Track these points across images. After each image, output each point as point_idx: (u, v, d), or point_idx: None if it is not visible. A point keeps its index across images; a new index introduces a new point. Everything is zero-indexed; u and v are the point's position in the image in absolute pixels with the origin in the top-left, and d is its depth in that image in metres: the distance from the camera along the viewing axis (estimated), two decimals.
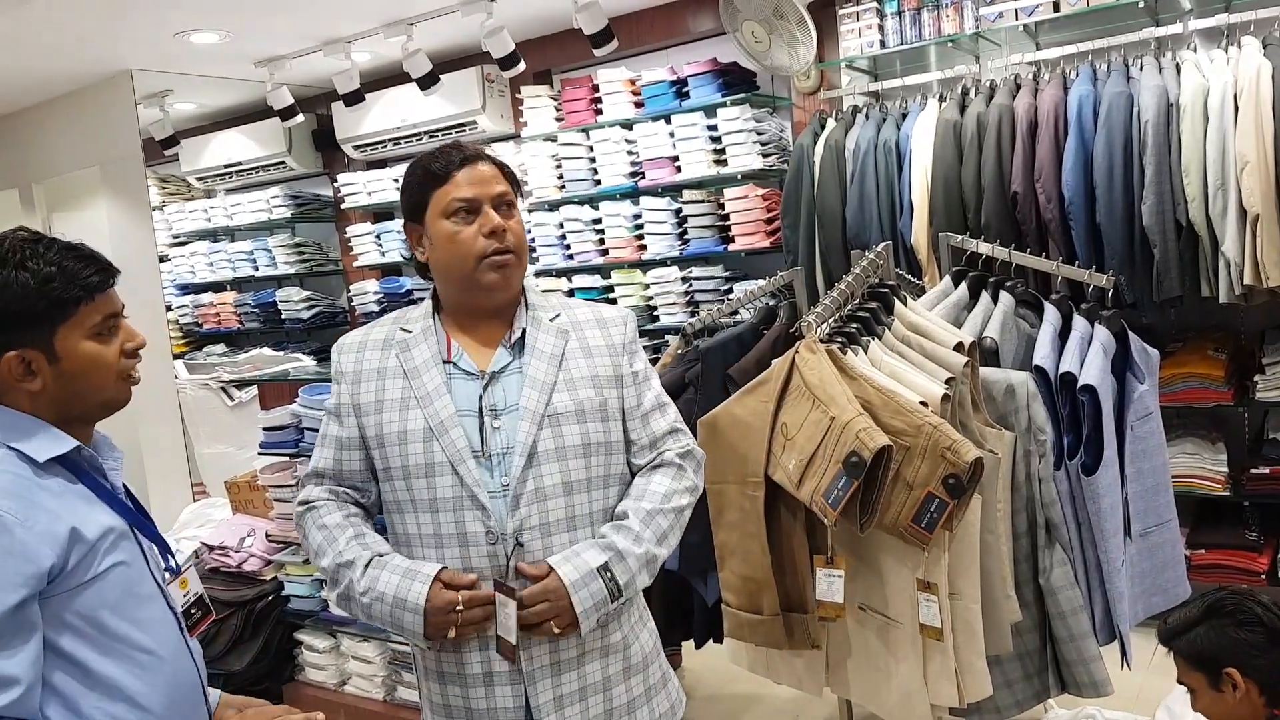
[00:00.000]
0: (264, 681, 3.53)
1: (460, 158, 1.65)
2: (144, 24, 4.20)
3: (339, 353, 1.75)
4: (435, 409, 1.63)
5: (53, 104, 5.45)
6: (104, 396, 1.40)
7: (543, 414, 1.62)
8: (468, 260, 1.63)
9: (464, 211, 1.63)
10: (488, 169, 1.67)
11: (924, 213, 3.64)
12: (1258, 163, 3.02)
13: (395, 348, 1.69)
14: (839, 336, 2.17)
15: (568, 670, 1.63)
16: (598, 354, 1.71)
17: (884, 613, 2.07)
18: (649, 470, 1.72)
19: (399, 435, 1.64)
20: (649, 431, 1.73)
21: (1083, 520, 2.25)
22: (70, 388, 1.35)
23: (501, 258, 1.64)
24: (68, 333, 1.34)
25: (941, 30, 3.83)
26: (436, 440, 1.61)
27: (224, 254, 6.15)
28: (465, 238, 1.63)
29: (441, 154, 1.68)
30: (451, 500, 1.61)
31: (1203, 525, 3.52)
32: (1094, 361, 2.20)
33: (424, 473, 1.62)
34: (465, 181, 1.64)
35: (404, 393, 1.65)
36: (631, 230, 4.67)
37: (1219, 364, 3.38)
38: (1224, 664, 1.85)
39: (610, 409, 1.69)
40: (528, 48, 4.67)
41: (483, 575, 1.60)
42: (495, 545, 1.59)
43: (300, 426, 3.38)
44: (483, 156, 1.68)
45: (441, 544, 1.62)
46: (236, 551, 3.66)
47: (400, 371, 1.67)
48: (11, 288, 1.30)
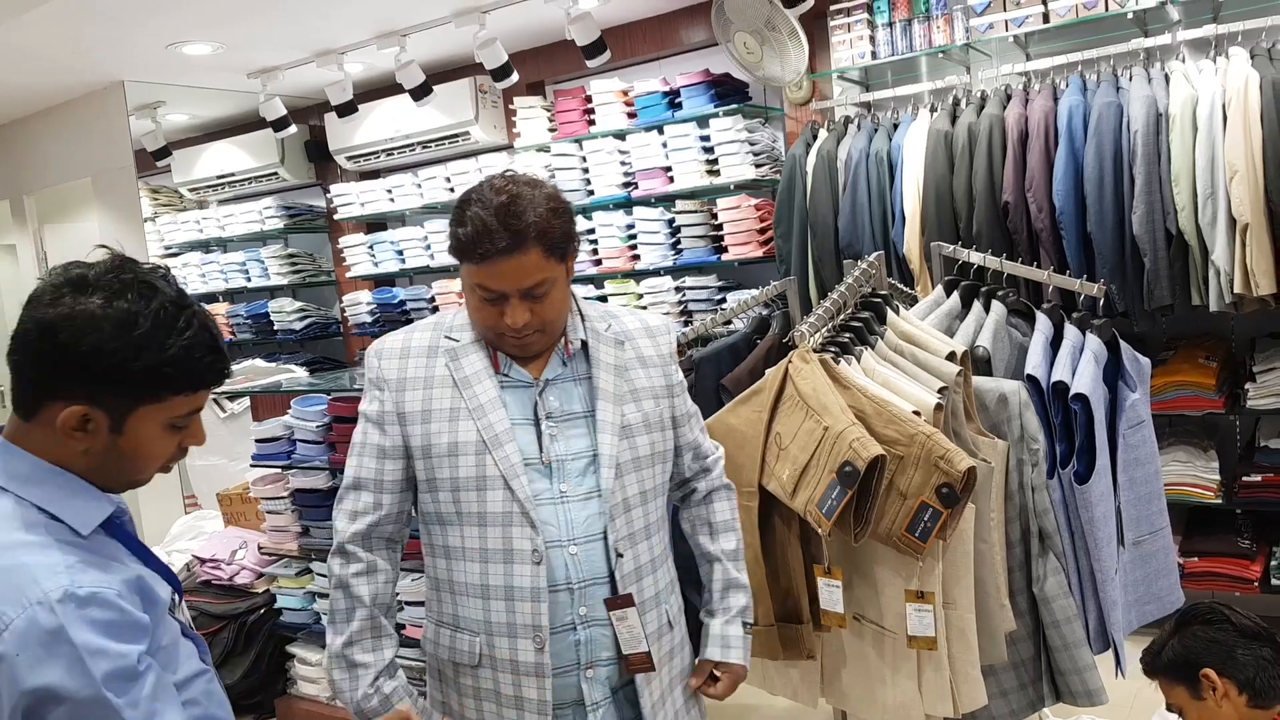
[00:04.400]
0: (256, 695, 3.51)
1: (503, 245, 1.49)
2: (136, 35, 4.19)
3: (379, 358, 1.66)
4: (489, 421, 1.58)
5: (45, 115, 5.44)
6: (134, 478, 1.25)
7: (620, 425, 1.63)
8: (488, 331, 1.61)
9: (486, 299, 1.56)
10: (530, 260, 1.51)
11: (916, 222, 3.65)
12: (1246, 172, 3.04)
13: (443, 356, 1.63)
14: (832, 346, 2.17)
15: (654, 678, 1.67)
16: (651, 364, 1.73)
17: (879, 623, 2.07)
18: (706, 498, 1.84)
19: (449, 447, 1.59)
20: (693, 437, 1.81)
21: (1076, 529, 2.26)
22: (113, 462, 1.19)
23: (520, 340, 1.59)
24: (148, 414, 1.18)
25: (932, 41, 3.85)
26: (490, 453, 1.57)
27: (216, 265, 6.14)
28: (489, 315, 1.58)
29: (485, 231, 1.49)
30: (501, 515, 1.58)
31: (1195, 533, 3.53)
32: (1086, 370, 2.21)
33: (474, 486, 1.58)
34: (497, 274, 1.52)
35: (454, 403, 1.60)
36: (625, 240, 4.68)
37: (1210, 372, 3.39)
38: (1199, 666, 1.86)
39: (666, 419, 1.73)
40: (521, 59, 4.68)
41: (523, 597, 1.57)
42: (539, 565, 1.56)
43: (293, 438, 3.37)
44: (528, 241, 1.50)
45: (486, 559, 1.59)
46: (228, 564, 3.65)
47: (449, 380, 1.61)
48: (128, 349, 1.12)
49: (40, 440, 1.16)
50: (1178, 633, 1.95)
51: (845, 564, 2.08)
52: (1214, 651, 1.87)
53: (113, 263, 1.17)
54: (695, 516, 1.85)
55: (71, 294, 1.13)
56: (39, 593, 1.05)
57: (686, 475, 1.83)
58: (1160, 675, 1.97)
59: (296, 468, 3.35)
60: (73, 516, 1.15)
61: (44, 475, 1.16)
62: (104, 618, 1.07)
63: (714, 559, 1.82)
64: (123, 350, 1.12)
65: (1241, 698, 1.83)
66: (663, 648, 1.69)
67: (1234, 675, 1.84)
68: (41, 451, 1.17)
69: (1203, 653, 1.88)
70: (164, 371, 1.15)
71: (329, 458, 3.26)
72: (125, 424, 1.17)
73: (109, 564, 1.15)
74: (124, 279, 1.15)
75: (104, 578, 1.10)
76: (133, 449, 1.19)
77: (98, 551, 1.16)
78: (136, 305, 1.13)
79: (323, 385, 3.51)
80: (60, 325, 1.11)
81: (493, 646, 1.59)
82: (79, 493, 1.17)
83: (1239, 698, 1.83)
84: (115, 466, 1.20)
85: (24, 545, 1.10)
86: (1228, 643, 1.87)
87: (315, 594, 3.42)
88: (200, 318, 1.19)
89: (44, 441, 1.16)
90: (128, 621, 1.10)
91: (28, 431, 1.17)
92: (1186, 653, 1.90)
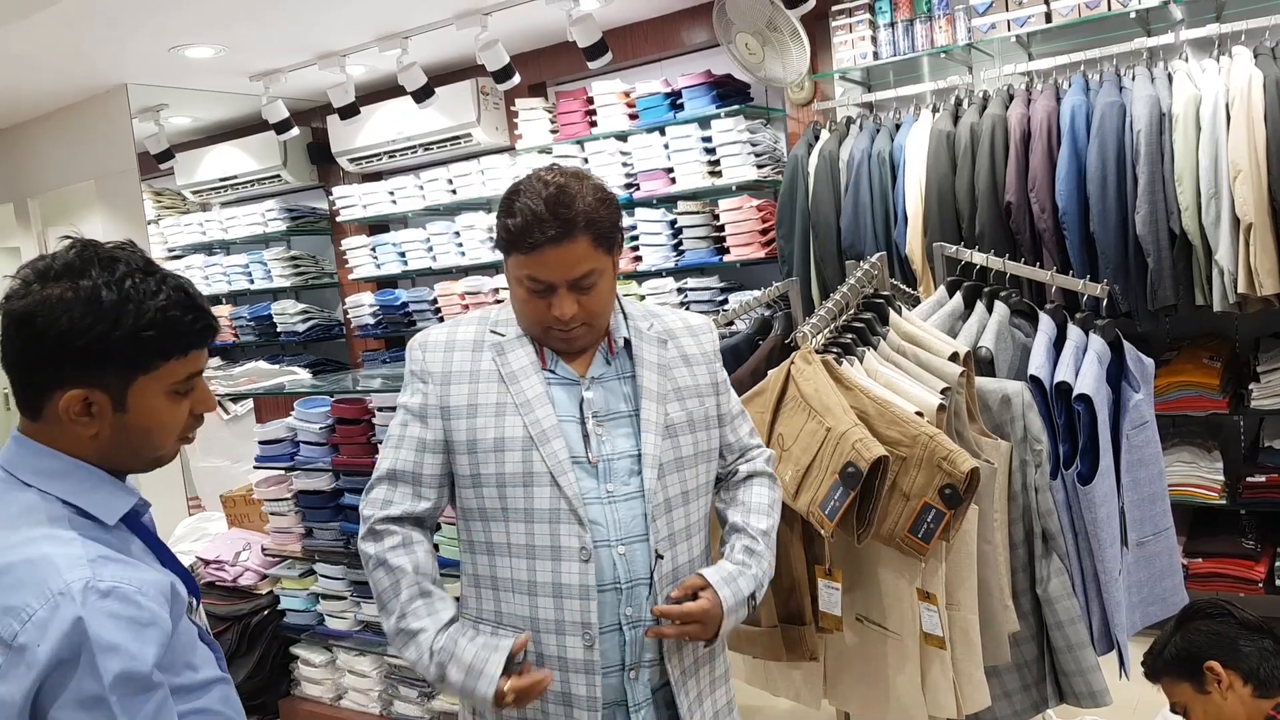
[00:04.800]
0: (260, 696, 3.51)
1: (552, 234, 1.49)
2: (139, 38, 4.20)
3: (423, 350, 1.64)
4: (537, 416, 1.57)
5: (48, 118, 5.45)
6: (154, 454, 1.24)
7: (663, 424, 1.62)
8: (534, 326, 1.60)
9: (534, 291, 1.55)
10: (579, 249, 1.51)
11: (918, 223, 3.64)
12: (1250, 171, 3.03)
13: (489, 350, 1.62)
14: (834, 347, 2.17)
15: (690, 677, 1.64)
16: (695, 362, 1.71)
17: (882, 624, 2.06)
18: (746, 480, 1.78)
19: (495, 442, 1.57)
20: (738, 437, 1.79)
21: (1079, 530, 2.25)
22: (125, 441, 1.19)
23: (566, 333, 1.58)
24: (146, 385, 1.17)
25: (934, 41, 3.84)
26: (537, 449, 1.56)
27: (219, 267, 6.15)
28: (535, 309, 1.57)
29: (535, 221, 1.49)
30: (549, 512, 1.56)
31: (1199, 534, 3.52)
32: (1089, 371, 2.20)
33: (521, 482, 1.57)
34: (547, 263, 1.51)
35: (500, 398, 1.59)
36: (627, 241, 4.68)
37: (1214, 372, 3.39)
38: (1203, 659, 1.86)
39: (711, 417, 1.71)
40: (522, 61, 4.68)
41: (570, 595, 1.56)
42: (588, 563, 1.55)
43: (296, 440, 3.37)
44: (577, 230, 1.51)
45: (534, 555, 1.57)
46: (232, 565, 3.65)
47: (496, 375, 1.60)
48: (104, 324, 1.12)
49: (53, 435, 1.17)
50: (1179, 630, 1.96)
51: (848, 565, 2.07)
52: (1217, 644, 1.87)
53: (72, 247, 1.17)
54: (730, 498, 1.77)
55: (38, 283, 1.13)
56: (61, 584, 1.05)
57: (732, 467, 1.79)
58: (1163, 675, 1.97)
59: (300, 469, 3.35)
60: (97, 507, 1.16)
61: (65, 468, 1.16)
62: (124, 613, 1.07)
63: (740, 528, 1.71)
64: (98, 324, 1.12)
65: (1246, 688, 1.84)
66: (699, 649, 1.66)
67: (1238, 666, 1.84)
68: (56, 446, 1.17)
69: (1206, 646, 1.88)
70: (146, 337, 1.15)
71: (332, 459, 3.26)
72: (127, 400, 1.17)
73: (132, 560, 1.15)
74: (85, 257, 1.15)
75: (126, 573, 1.10)
76: (142, 424, 1.19)
77: (122, 547, 1.16)
78: (101, 278, 1.14)
79: (325, 387, 3.51)
80: (33, 314, 1.12)
81: (540, 643, 1.58)
82: (101, 484, 1.18)
83: (1244, 689, 1.84)
84: (131, 445, 1.20)
85: (48, 538, 1.10)
86: (1230, 635, 1.88)
87: (319, 595, 3.42)
88: (173, 280, 1.19)
89: (56, 436, 1.17)
90: (146, 619, 1.09)
91: (39, 430, 1.17)
92: (1190, 647, 1.90)
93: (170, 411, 1.21)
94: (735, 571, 1.64)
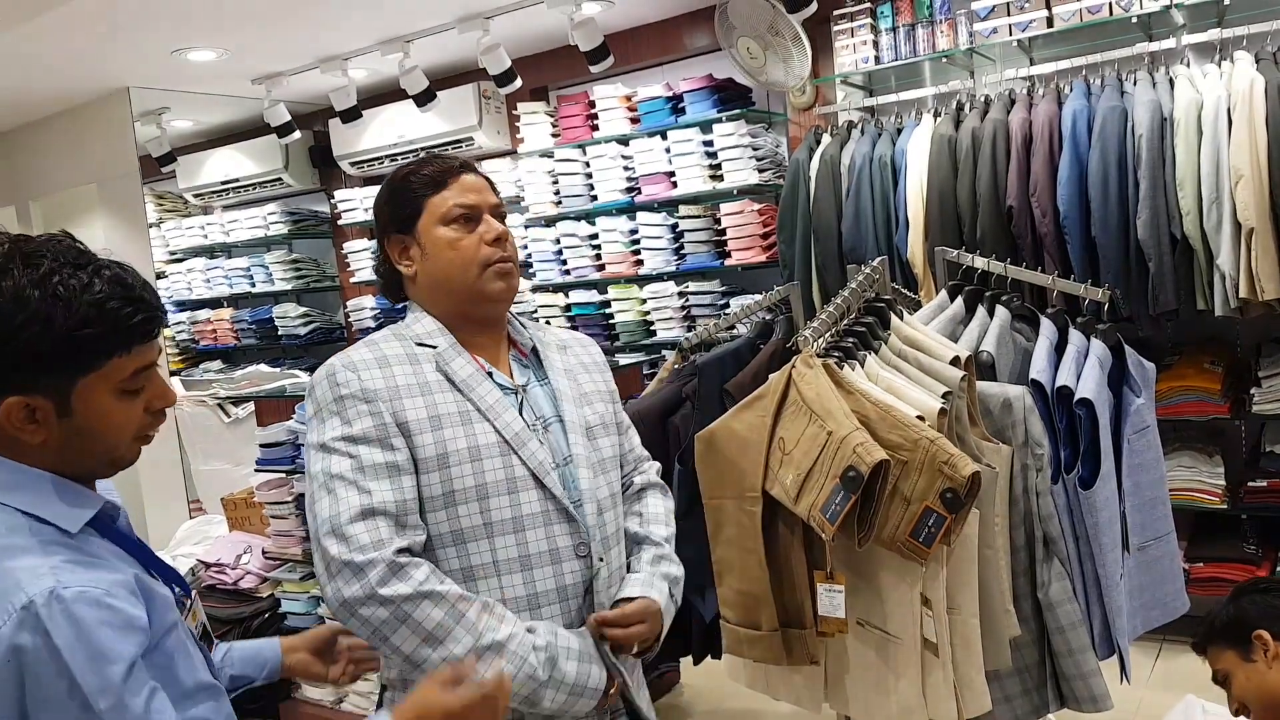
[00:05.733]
0: (260, 700, 3.51)
1: (456, 164, 1.61)
2: (141, 41, 4.21)
3: (353, 372, 1.49)
4: (505, 421, 1.51)
5: (50, 121, 5.46)
6: (110, 457, 1.16)
7: (584, 426, 1.61)
8: (470, 267, 1.56)
9: (464, 219, 1.57)
10: (480, 179, 1.62)
11: (920, 227, 3.65)
12: (1252, 176, 3.03)
13: (427, 361, 1.53)
14: (835, 351, 2.16)
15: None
16: (593, 370, 1.72)
17: (883, 628, 2.06)
18: (640, 493, 1.76)
19: (470, 451, 1.47)
20: (633, 445, 1.79)
21: (1081, 534, 2.25)
22: (76, 445, 1.12)
23: (505, 265, 1.58)
24: (90, 386, 1.10)
25: (936, 46, 3.85)
26: (515, 453, 1.50)
27: (221, 270, 6.16)
28: (467, 245, 1.56)
29: (432, 161, 1.61)
30: (540, 515, 1.50)
31: (1201, 539, 3.52)
32: (1090, 375, 2.20)
33: (505, 489, 1.48)
34: (463, 189, 1.58)
35: (460, 405, 1.50)
36: (628, 245, 4.68)
37: (1215, 377, 3.39)
38: (1253, 628, 1.92)
39: (612, 424, 1.71)
40: (524, 65, 4.69)
41: (574, 595, 1.53)
42: (584, 559, 1.54)
43: (297, 443, 3.37)
44: (473, 167, 1.64)
45: (530, 564, 1.49)
46: (233, 569, 3.65)
47: (448, 384, 1.51)
48: (33, 325, 1.05)
49: (2, 447, 1.11)
50: (1233, 601, 2.01)
51: (849, 569, 2.07)
52: (1269, 615, 1.93)
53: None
54: (628, 510, 1.74)
55: None
56: (24, 598, 1.01)
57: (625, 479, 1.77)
58: (1211, 642, 2.02)
59: (300, 472, 3.35)
60: (58, 516, 1.10)
61: (20, 479, 1.10)
62: (93, 617, 1.03)
63: (642, 539, 1.68)
64: (24, 327, 1.05)
65: None
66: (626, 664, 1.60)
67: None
68: (8, 456, 1.11)
69: (1258, 616, 1.93)
70: (81, 336, 1.07)
71: None
72: (71, 403, 1.10)
73: (97, 563, 1.09)
74: (5, 254, 1.09)
75: (92, 576, 1.06)
76: (91, 426, 1.12)
77: (86, 551, 1.10)
78: (25, 277, 1.06)
79: None
80: None
81: None
82: (61, 492, 1.12)
83: None
84: (83, 449, 1.13)
85: (6, 550, 1.06)
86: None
87: (319, 598, 3.42)
88: (109, 270, 1.11)
89: (6, 447, 1.11)
90: (119, 620, 1.04)
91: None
92: (1241, 615, 1.96)
93: (122, 412, 1.13)
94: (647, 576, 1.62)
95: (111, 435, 1.14)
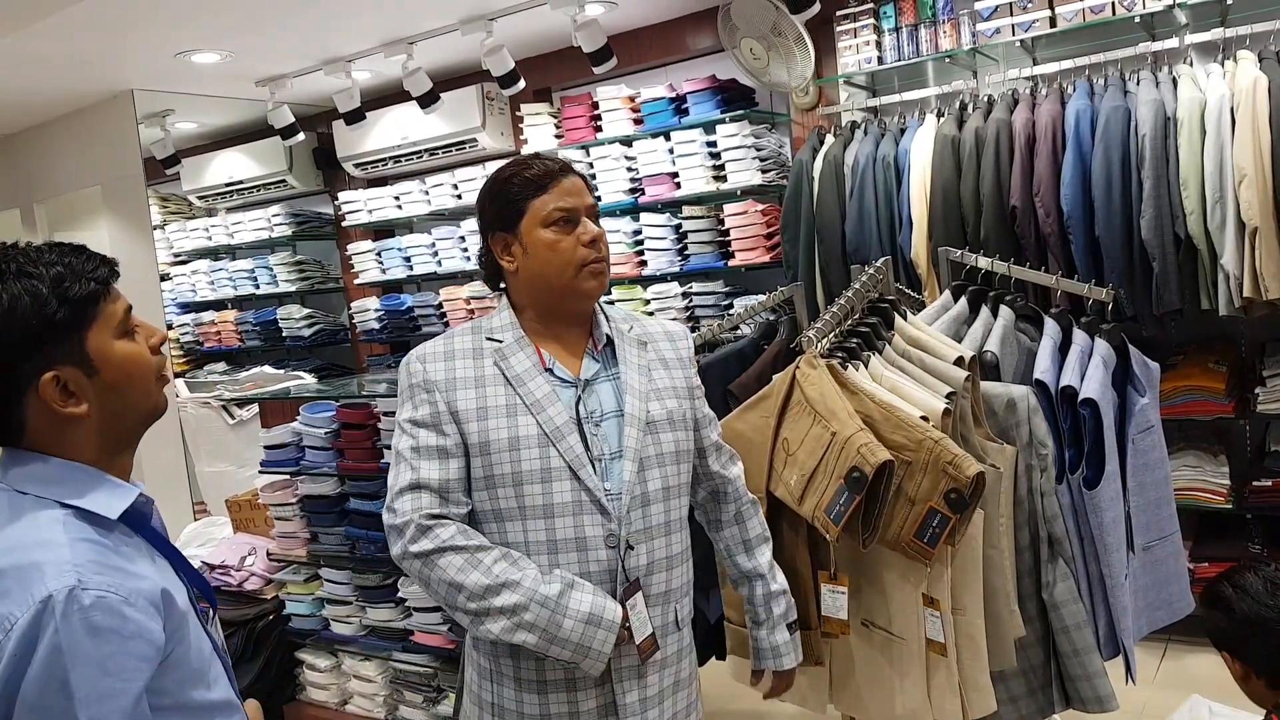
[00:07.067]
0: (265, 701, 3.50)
1: (558, 167, 1.68)
2: (145, 44, 4.22)
3: (423, 363, 1.67)
4: (549, 415, 1.62)
5: (54, 124, 5.47)
6: (149, 404, 1.22)
7: (645, 420, 1.67)
8: (568, 268, 1.65)
9: (564, 221, 1.65)
10: (579, 181, 1.69)
11: (923, 227, 3.64)
12: (1255, 175, 3.03)
13: (490, 356, 1.67)
14: (839, 351, 2.17)
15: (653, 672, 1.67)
16: (673, 365, 1.77)
17: (887, 629, 2.06)
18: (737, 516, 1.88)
19: (510, 441, 1.61)
20: (714, 440, 1.85)
21: (1085, 534, 2.25)
22: (117, 402, 1.17)
23: (599, 265, 1.68)
24: (99, 335, 1.15)
25: (939, 46, 3.85)
26: (554, 445, 1.61)
27: (225, 272, 6.17)
28: (565, 246, 1.65)
29: (535, 163, 1.68)
30: (571, 505, 1.61)
31: (1205, 538, 3.51)
32: (1094, 375, 2.20)
33: (539, 478, 1.60)
34: (563, 192, 1.66)
35: (509, 399, 1.63)
36: (632, 246, 4.68)
37: (1220, 376, 3.38)
38: (1219, 649, 1.86)
39: (688, 418, 1.76)
40: (527, 66, 4.70)
41: (599, 581, 1.61)
42: (614, 549, 1.62)
43: (301, 445, 3.38)
44: (573, 169, 1.71)
45: (557, 549, 1.61)
46: (237, 570, 3.66)
47: (501, 379, 1.65)
48: (22, 299, 1.10)
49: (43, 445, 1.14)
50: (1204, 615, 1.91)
51: (854, 570, 2.07)
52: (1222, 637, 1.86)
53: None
54: (729, 537, 1.88)
55: None
56: (44, 590, 1.03)
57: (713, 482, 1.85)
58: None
59: (305, 474, 3.35)
60: (97, 504, 1.13)
61: (60, 472, 1.14)
62: (107, 624, 1.04)
63: (754, 576, 1.86)
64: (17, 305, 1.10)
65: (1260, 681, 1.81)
66: (668, 647, 1.70)
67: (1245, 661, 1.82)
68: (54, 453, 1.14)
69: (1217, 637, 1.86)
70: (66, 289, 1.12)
71: (337, 464, 3.27)
72: (92, 360, 1.14)
73: (128, 567, 1.10)
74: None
75: (114, 580, 1.06)
76: (119, 376, 1.17)
77: (118, 551, 1.12)
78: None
79: (331, 392, 3.52)
80: None
81: None
82: (100, 481, 1.15)
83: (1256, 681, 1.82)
84: (122, 404, 1.18)
85: (38, 544, 1.07)
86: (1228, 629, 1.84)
87: (324, 600, 3.43)
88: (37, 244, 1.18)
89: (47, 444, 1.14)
90: (130, 632, 1.05)
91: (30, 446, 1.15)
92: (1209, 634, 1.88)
93: (135, 352, 1.19)
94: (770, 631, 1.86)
95: (139, 378, 1.19)
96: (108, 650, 1.03)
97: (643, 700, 1.66)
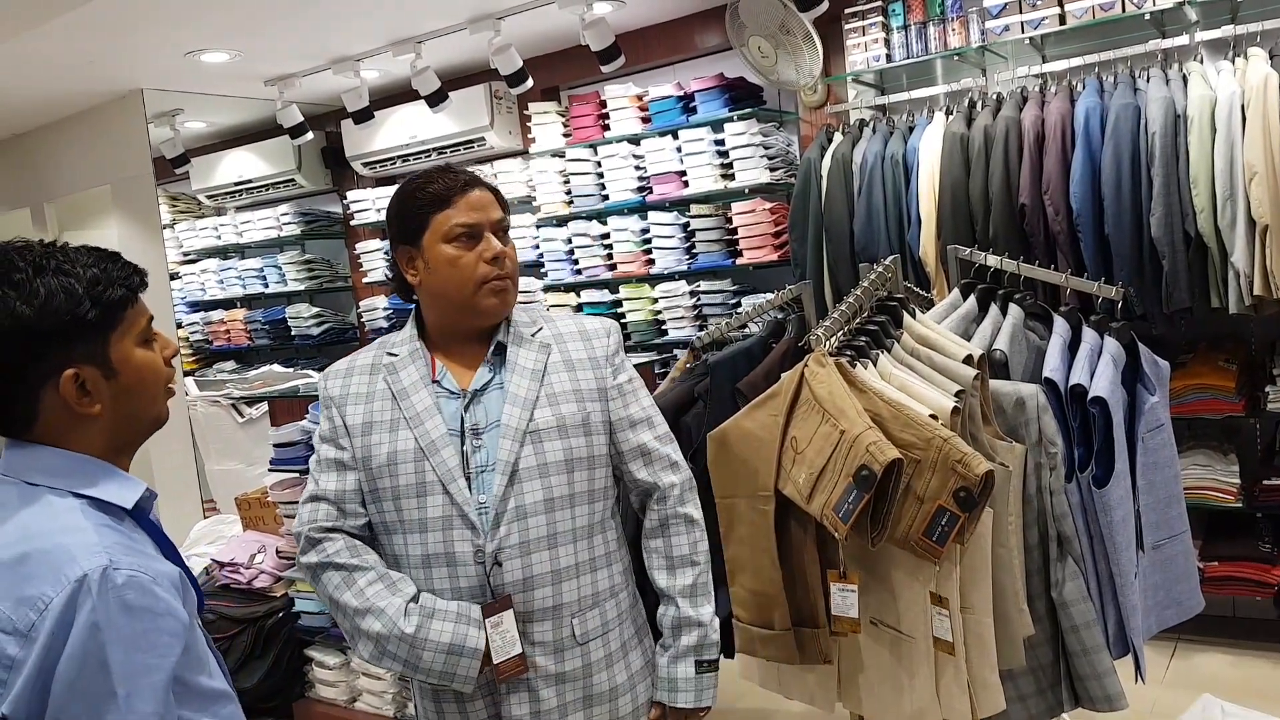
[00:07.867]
0: (274, 699, 3.53)
1: (462, 182, 1.66)
2: (155, 44, 4.23)
3: (325, 379, 1.75)
4: (426, 429, 1.63)
5: (64, 123, 5.49)
6: (154, 412, 1.26)
7: (524, 430, 1.63)
8: (467, 285, 1.65)
9: (465, 237, 1.64)
10: (486, 195, 1.68)
11: (932, 225, 3.64)
12: (1266, 173, 3.02)
13: (382, 371, 1.70)
14: (848, 350, 2.16)
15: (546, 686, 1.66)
16: (580, 366, 1.72)
17: (896, 627, 2.06)
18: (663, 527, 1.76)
19: (389, 456, 1.64)
20: (639, 443, 1.75)
21: (1095, 533, 2.24)
22: (127, 407, 1.21)
23: (501, 283, 1.67)
24: (120, 341, 1.19)
25: (947, 44, 3.84)
26: (428, 460, 1.62)
27: (234, 271, 6.18)
28: (466, 263, 1.64)
29: (440, 176, 1.67)
30: (441, 519, 1.61)
31: (1215, 537, 3.50)
32: (1104, 373, 2.19)
33: (414, 493, 1.62)
34: (468, 206, 1.65)
35: (393, 414, 1.66)
36: (639, 245, 4.68)
37: (1230, 375, 3.37)
38: None
39: (593, 422, 1.70)
40: (535, 65, 4.70)
41: (471, 596, 1.61)
42: (481, 565, 1.60)
43: (310, 443, 3.38)
44: (481, 182, 1.69)
45: (429, 564, 1.63)
46: (247, 568, 3.67)
47: (388, 394, 1.67)
48: (58, 294, 1.13)
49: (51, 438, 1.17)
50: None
51: (862, 568, 2.07)
52: None
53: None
54: (652, 548, 1.78)
55: None
56: (78, 570, 1.05)
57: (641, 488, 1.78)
58: None
59: None
60: (112, 494, 1.17)
61: (72, 465, 1.17)
62: (139, 603, 1.07)
63: (668, 597, 1.76)
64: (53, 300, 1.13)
65: None
66: (567, 662, 1.66)
67: None
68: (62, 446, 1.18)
69: None
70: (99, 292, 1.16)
71: None
72: (112, 363, 1.18)
73: (147, 550, 1.15)
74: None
75: (141, 561, 1.10)
76: (134, 382, 1.21)
77: (134, 539, 1.16)
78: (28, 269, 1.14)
79: None
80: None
81: None
82: (111, 475, 1.19)
83: None
84: (132, 409, 1.22)
85: (63, 529, 1.10)
86: None
87: None
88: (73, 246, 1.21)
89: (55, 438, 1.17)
90: (162, 610, 1.08)
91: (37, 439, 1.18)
92: None
93: (152, 360, 1.23)
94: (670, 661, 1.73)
95: (151, 386, 1.24)
96: (141, 628, 1.06)
97: (535, 714, 1.64)
